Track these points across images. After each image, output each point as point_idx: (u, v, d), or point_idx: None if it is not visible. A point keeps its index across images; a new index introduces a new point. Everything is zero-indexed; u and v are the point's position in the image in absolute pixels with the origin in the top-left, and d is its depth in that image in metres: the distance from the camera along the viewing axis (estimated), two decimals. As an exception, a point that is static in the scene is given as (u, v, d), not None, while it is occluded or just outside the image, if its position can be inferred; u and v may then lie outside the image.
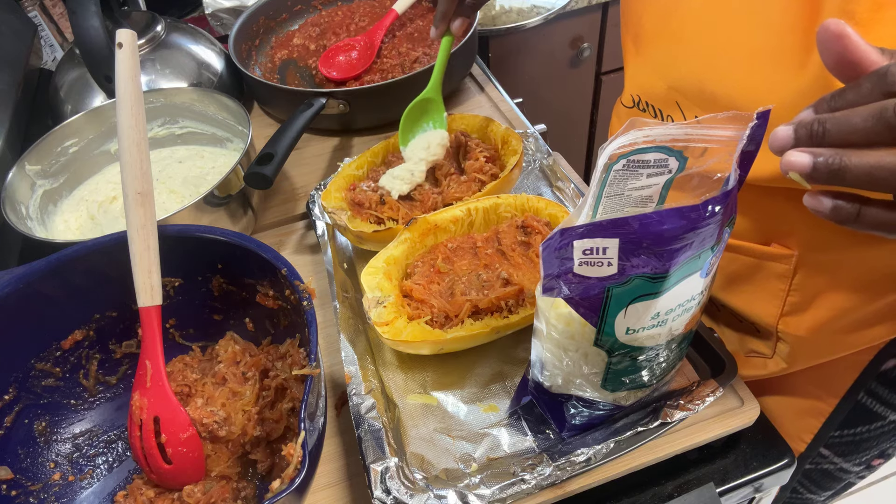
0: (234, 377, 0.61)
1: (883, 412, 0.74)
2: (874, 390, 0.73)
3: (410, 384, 0.63)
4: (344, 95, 0.95)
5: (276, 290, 0.62)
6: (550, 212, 0.72)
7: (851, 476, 0.87)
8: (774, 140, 0.39)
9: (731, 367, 0.60)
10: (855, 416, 0.75)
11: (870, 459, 0.83)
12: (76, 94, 0.97)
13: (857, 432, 0.77)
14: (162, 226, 0.58)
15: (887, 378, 0.71)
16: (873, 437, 0.78)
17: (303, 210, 0.90)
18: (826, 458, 0.83)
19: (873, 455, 0.82)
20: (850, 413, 0.75)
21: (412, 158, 0.79)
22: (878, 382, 0.72)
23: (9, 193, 0.78)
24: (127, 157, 0.54)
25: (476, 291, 0.65)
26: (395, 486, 0.52)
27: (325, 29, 1.17)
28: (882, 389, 0.72)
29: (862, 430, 0.77)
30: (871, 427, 0.76)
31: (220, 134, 0.92)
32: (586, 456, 0.53)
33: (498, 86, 1.10)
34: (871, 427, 0.76)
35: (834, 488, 0.90)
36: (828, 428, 0.77)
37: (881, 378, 0.71)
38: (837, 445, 0.80)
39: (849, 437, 0.78)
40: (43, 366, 0.60)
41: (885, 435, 0.78)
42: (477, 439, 0.58)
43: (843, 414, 0.75)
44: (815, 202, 0.39)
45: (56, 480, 0.60)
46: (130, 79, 0.54)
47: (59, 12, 1.20)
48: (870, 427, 0.76)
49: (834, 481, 0.87)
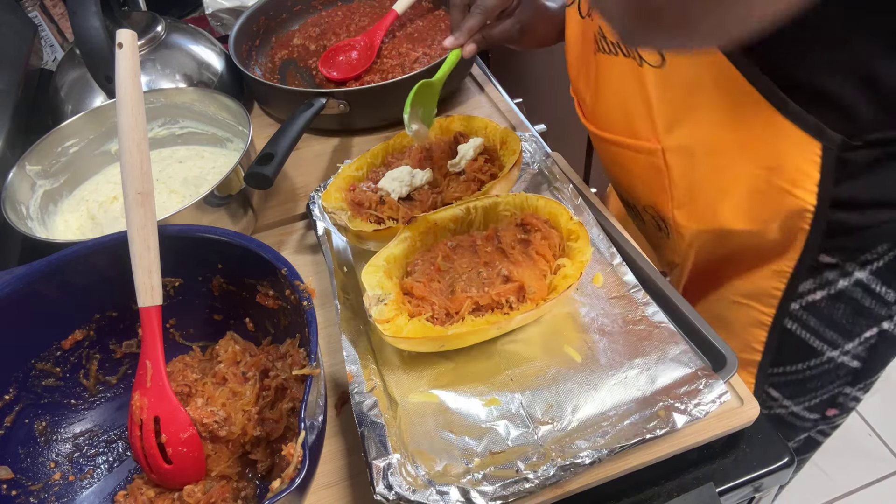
0: (234, 377, 0.61)
1: (819, 346, 0.76)
2: (803, 319, 0.75)
3: (412, 383, 0.63)
4: (344, 95, 0.96)
5: (276, 290, 0.62)
6: (550, 210, 0.72)
7: (808, 426, 0.87)
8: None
9: (731, 361, 0.60)
10: (791, 348, 0.77)
11: (822, 407, 0.83)
12: (76, 95, 0.97)
13: (798, 370, 0.79)
14: (162, 226, 0.58)
15: (815, 308, 0.73)
16: (815, 375, 0.79)
17: (303, 210, 0.90)
18: (777, 401, 0.84)
19: (823, 401, 0.82)
20: (786, 344, 0.77)
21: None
22: (806, 312, 0.74)
23: (9, 193, 0.78)
24: (127, 158, 0.54)
25: (476, 289, 0.65)
26: (398, 482, 0.52)
27: (326, 29, 1.17)
28: (812, 320, 0.74)
29: (802, 367, 0.78)
30: (809, 364, 0.78)
31: (221, 134, 0.92)
32: (591, 459, 0.53)
33: (498, 86, 1.11)
34: (809, 364, 0.78)
35: (793, 438, 0.90)
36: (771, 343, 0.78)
37: (810, 308, 0.73)
38: (783, 385, 0.81)
39: (792, 375, 0.80)
40: (43, 366, 0.60)
41: (827, 376, 0.78)
42: (479, 434, 0.58)
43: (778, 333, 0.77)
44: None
45: (56, 480, 0.60)
46: (131, 79, 0.54)
47: (60, 12, 1.20)
48: (808, 364, 0.78)
49: (791, 430, 0.88)
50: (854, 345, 0.75)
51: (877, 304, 0.71)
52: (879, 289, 0.70)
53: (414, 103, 0.77)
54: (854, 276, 0.70)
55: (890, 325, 0.73)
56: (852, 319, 0.73)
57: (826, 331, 0.74)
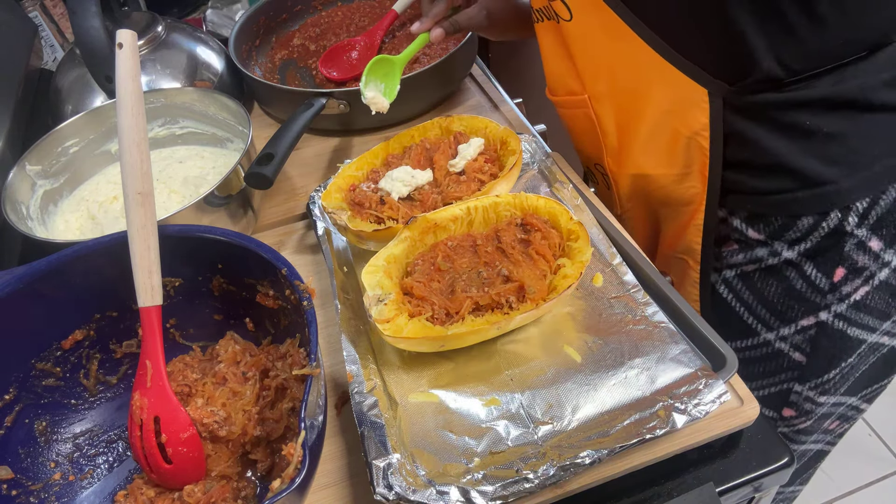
0: (234, 377, 0.61)
1: (753, 324, 0.78)
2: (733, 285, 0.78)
3: (412, 383, 0.63)
4: (344, 95, 0.96)
5: (276, 290, 0.62)
6: (550, 210, 0.72)
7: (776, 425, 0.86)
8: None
9: (731, 361, 0.60)
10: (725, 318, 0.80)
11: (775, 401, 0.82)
12: (76, 95, 0.97)
13: (738, 347, 0.80)
14: (162, 226, 0.58)
15: (747, 279, 0.76)
16: (756, 358, 0.79)
17: (303, 210, 0.90)
18: None
19: (773, 394, 0.81)
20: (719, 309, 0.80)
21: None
22: (738, 280, 0.77)
23: (9, 193, 0.78)
24: (127, 158, 0.54)
25: (476, 288, 0.65)
26: (398, 482, 0.52)
27: (326, 29, 1.17)
28: (743, 289, 0.77)
29: (741, 346, 0.80)
30: (748, 343, 0.79)
31: (221, 134, 0.92)
32: (591, 459, 0.53)
33: (498, 86, 1.11)
34: (748, 343, 0.79)
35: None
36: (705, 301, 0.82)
37: (743, 278, 0.77)
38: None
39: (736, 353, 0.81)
40: (43, 366, 0.60)
41: (768, 361, 0.79)
42: (479, 434, 0.58)
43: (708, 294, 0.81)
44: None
45: (56, 480, 0.60)
46: (131, 79, 0.54)
47: (60, 12, 1.20)
48: (747, 342, 0.79)
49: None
50: (791, 331, 0.75)
51: (810, 289, 0.72)
52: (811, 272, 0.71)
53: (371, 75, 0.88)
54: (783, 256, 0.72)
55: (828, 317, 0.73)
56: (786, 301, 0.74)
57: (759, 307, 0.76)
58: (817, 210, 0.68)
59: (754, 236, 0.73)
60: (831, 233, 0.68)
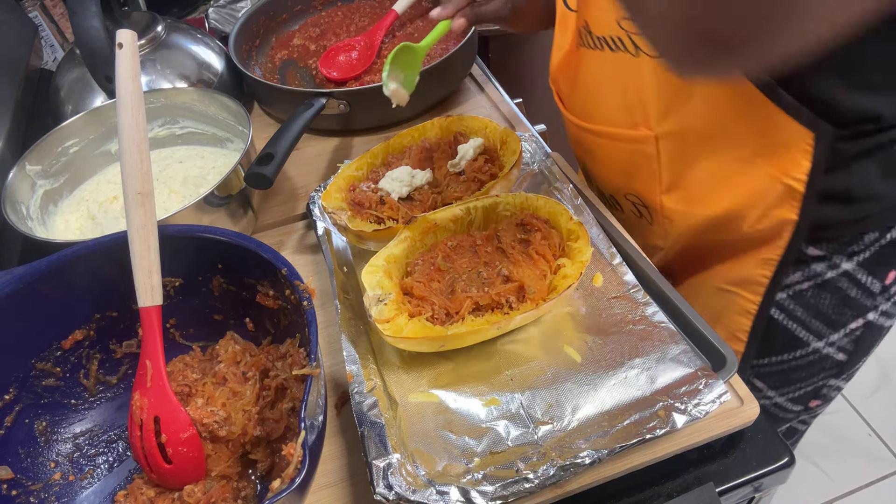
0: (234, 377, 0.61)
1: (805, 337, 0.76)
2: (789, 308, 0.75)
3: (412, 383, 0.63)
4: (344, 95, 0.96)
5: (276, 290, 0.62)
6: (550, 210, 0.72)
7: (791, 417, 0.87)
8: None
9: (731, 361, 0.60)
10: (777, 338, 0.78)
11: (806, 398, 0.83)
12: (76, 95, 0.97)
13: (784, 360, 0.79)
14: (162, 226, 0.58)
15: (802, 298, 0.74)
16: (801, 366, 0.79)
17: (303, 210, 0.90)
18: (761, 392, 0.84)
19: (807, 392, 0.82)
20: (772, 333, 0.78)
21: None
22: (793, 301, 0.75)
23: (9, 193, 0.78)
24: (127, 158, 0.54)
25: (476, 288, 0.65)
26: (398, 482, 0.52)
27: (326, 29, 1.17)
28: (798, 310, 0.75)
29: (787, 358, 0.79)
30: (795, 355, 0.78)
31: (221, 134, 0.92)
32: (591, 459, 0.53)
33: (498, 86, 1.11)
34: (795, 355, 0.78)
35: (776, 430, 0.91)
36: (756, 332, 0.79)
37: (797, 298, 0.75)
38: (768, 376, 0.82)
39: (777, 366, 0.80)
40: (43, 366, 0.60)
41: (812, 367, 0.79)
42: (479, 434, 0.58)
43: (764, 322, 0.77)
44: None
45: (56, 480, 0.60)
46: (131, 79, 0.54)
47: (60, 13, 1.20)
48: (794, 354, 0.78)
49: (774, 421, 0.88)
50: (840, 336, 0.76)
51: (863, 294, 0.72)
52: (865, 279, 0.71)
53: (393, 65, 0.83)
54: (841, 268, 0.71)
55: (875, 316, 0.74)
56: (839, 310, 0.74)
57: (812, 321, 0.75)
58: (887, 224, 0.68)
59: (814, 253, 0.71)
60: (892, 242, 0.69)
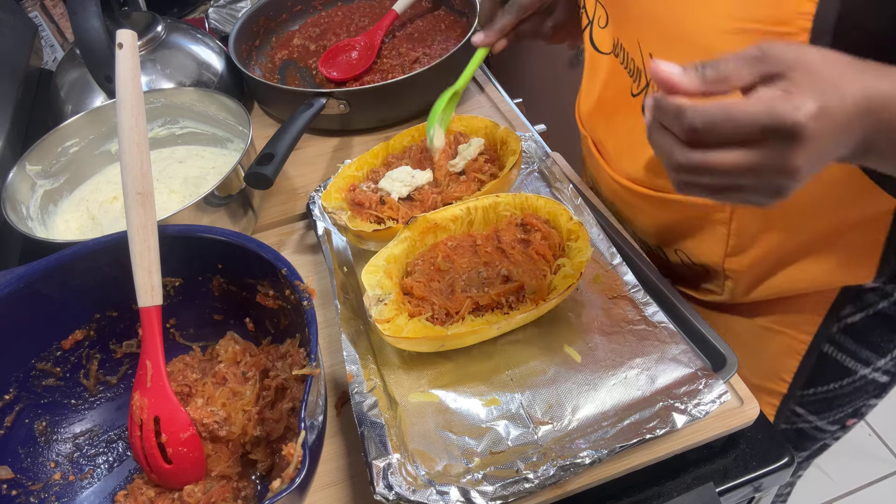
0: (234, 377, 0.61)
1: (853, 366, 0.76)
2: (840, 341, 0.74)
3: (412, 383, 0.63)
4: (344, 95, 0.96)
5: (276, 290, 0.62)
6: (550, 210, 0.72)
7: (827, 437, 0.87)
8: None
9: (731, 361, 0.60)
10: (825, 370, 0.77)
11: (844, 418, 0.83)
12: (76, 95, 0.97)
13: (830, 389, 0.78)
14: (162, 226, 0.58)
15: (853, 330, 0.73)
16: (846, 393, 0.79)
17: (303, 210, 0.90)
18: (801, 417, 0.83)
19: (847, 414, 0.82)
20: (820, 367, 0.76)
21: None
22: (844, 334, 0.74)
23: (9, 193, 0.78)
24: (127, 158, 0.54)
25: (476, 288, 0.65)
26: (398, 482, 0.53)
27: (326, 29, 1.17)
28: (848, 341, 0.74)
29: (835, 387, 0.78)
30: (842, 383, 0.78)
31: (221, 134, 0.92)
32: (591, 459, 0.53)
33: (498, 86, 1.10)
34: (842, 383, 0.78)
35: (809, 448, 0.91)
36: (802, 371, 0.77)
37: (847, 330, 0.73)
38: (811, 403, 0.81)
39: (822, 395, 0.79)
40: (43, 366, 0.60)
41: (857, 392, 0.78)
42: (479, 434, 0.58)
43: (814, 359, 0.76)
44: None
45: (56, 480, 0.60)
46: (131, 79, 0.54)
47: (60, 12, 1.20)
48: (841, 383, 0.78)
49: (809, 441, 0.88)
50: (886, 361, 0.75)
51: None
52: None
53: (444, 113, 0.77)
54: (894, 296, 0.71)
55: None
56: (888, 337, 0.73)
57: (862, 351, 0.74)
58: None
59: (869, 286, 0.70)
60: None
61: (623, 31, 0.69)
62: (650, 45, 0.65)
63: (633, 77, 0.69)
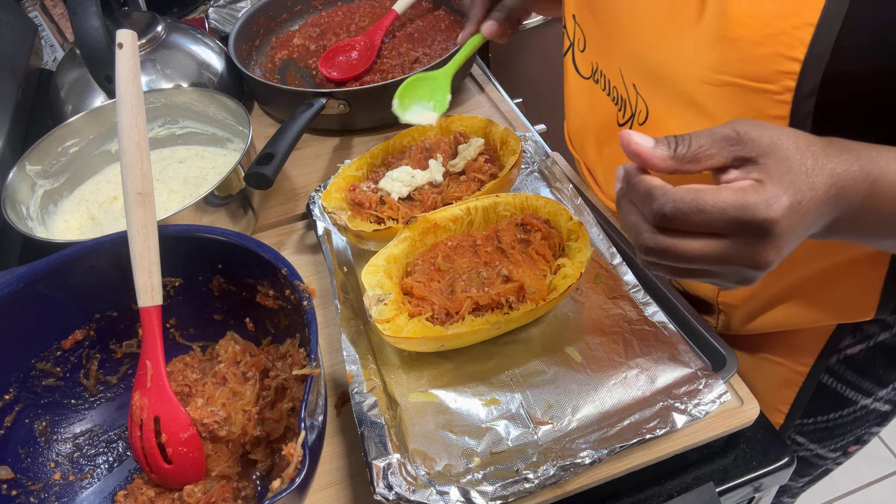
0: (234, 377, 0.61)
1: (854, 397, 0.75)
2: (839, 372, 0.73)
3: (412, 383, 0.63)
4: (344, 95, 0.96)
5: (276, 290, 0.62)
6: (550, 210, 0.72)
7: (828, 462, 0.87)
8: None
9: (731, 361, 0.60)
10: (824, 401, 0.76)
11: (846, 446, 0.83)
12: (77, 95, 0.97)
13: (830, 419, 0.78)
14: (162, 226, 0.58)
15: (853, 361, 0.72)
16: (846, 423, 0.78)
17: (303, 210, 0.90)
18: (802, 446, 0.83)
19: (849, 441, 0.82)
20: (819, 398, 0.76)
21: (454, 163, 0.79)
22: (843, 365, 0.73)
23: (9, 193, 0.78)
24: (127, 158, 0.54)
25: (476, 288, 0.65)
26: (398, 482, 0.53)
27: (326, 29, 1.17)
28: (849, 373, 0.73)
29: (834, 417, 0.78)
30: (843, 413, 0.77)
31: (221, 134, 0.92)
32: (591, 459, 0.53)
33: (498, 86, 1.10)
34: (843, 413, 0.77)
35: (811, 475, 0.91)
36: (800, 402, 0.77)
37: (847, 362, 0.72)
38: (811, 433, 0.81)
39: (822, 424, 0.79)
40: (43, 366, 0.60)
41: (858, 421, 0.78)
42: (479, 434, 0.58)
43: (811, 390, 0.75)
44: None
45: (56, 480, 0.60)
46: (131, 79, 0.54)
47: (60, 13, 1.20)
48: (842, 413, 0.77)
49: (811, 468, 0.88)
50: (887, 391, 0.75)
51: None
52: None
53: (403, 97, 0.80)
54: (894, 329, 0.70)
55: None
56: (889, 367, 0.72)
57: (863, 382, 0.74)
58: None
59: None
60: None
61: (603, 59, 0.69)
62: (633, 77, 0.63)
63: (618, 105, 0.68)
